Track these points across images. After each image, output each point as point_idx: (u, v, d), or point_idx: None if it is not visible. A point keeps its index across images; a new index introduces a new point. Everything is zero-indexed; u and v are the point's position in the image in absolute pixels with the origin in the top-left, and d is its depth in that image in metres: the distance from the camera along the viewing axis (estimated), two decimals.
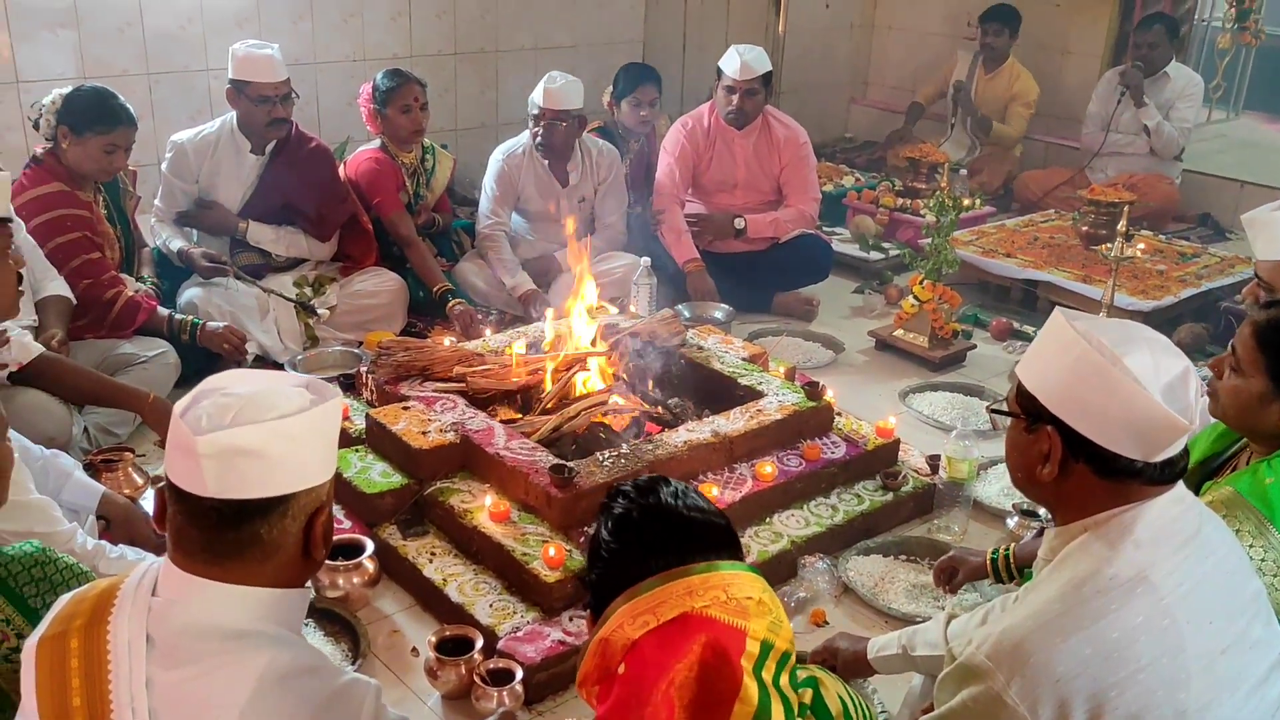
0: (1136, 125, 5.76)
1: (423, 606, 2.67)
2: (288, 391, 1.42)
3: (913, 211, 5.36)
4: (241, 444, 1.33)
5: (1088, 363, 1.49)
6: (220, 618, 1.36)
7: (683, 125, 4.70)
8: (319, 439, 1.42)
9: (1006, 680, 1.44)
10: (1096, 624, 1.45)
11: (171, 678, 1.33)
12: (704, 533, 1.41)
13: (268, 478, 1.36)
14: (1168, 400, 1.46)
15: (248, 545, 1.37)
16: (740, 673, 1.27)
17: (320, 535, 1.44)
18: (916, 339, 4.21)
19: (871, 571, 2.87)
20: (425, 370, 3.23)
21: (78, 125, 3.37)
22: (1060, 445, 1.54)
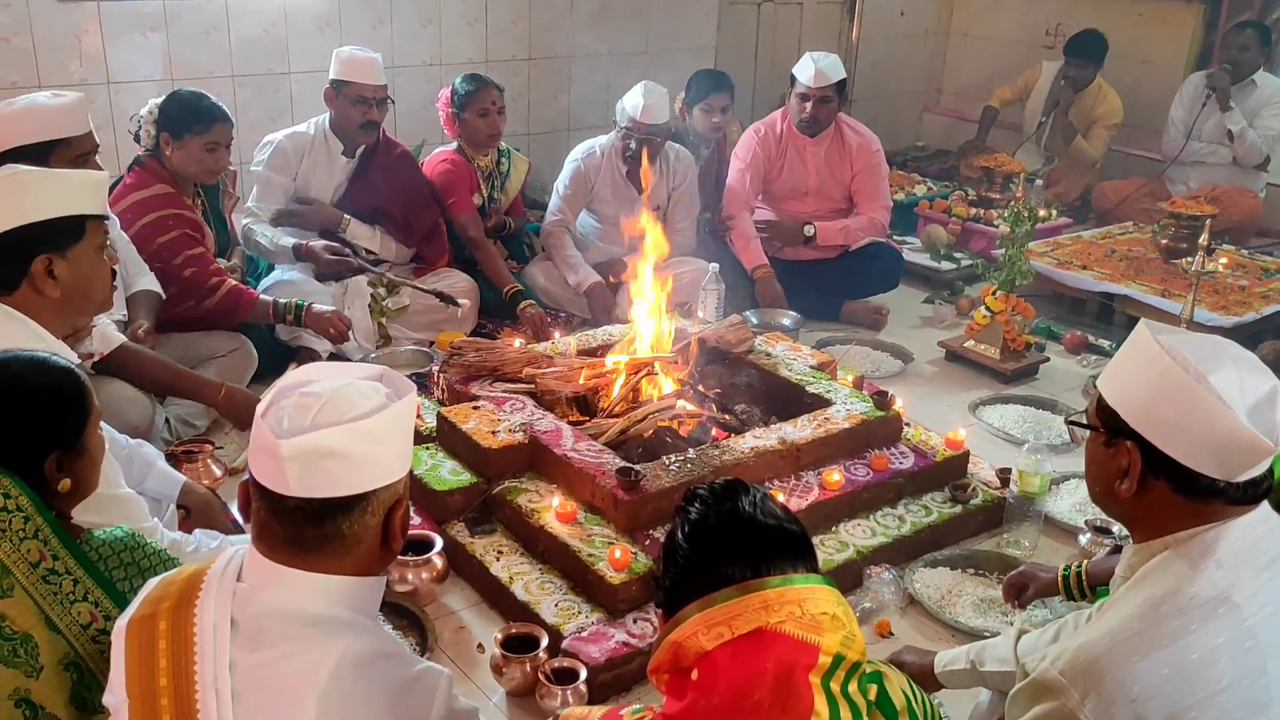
0: (1220, 133, 5.61)
1: (489, 604, 2.71)
2: (364, 388, 1.45)
3: (986, 222, 5.29)
4: (324, 446, 1.36)
5: (1171, 379, 1.46)
6: (302, 604, 1.40)
7: (755, 132, 4.70)
8: (397, 435, 1.45)
9: (1081, 698, 1.42)
10: (1175, 644, 1.42)
11: (254, 660, 1.37)
12: (780, 542, 1.41)
13: (349, 476, 1.40)
14: (1253, 421, 1.43)
15: (330, 540, 1.41)
16: (810, 689, 1.28)
17: (398, 527, 1.47)
18: (988, 350, 4.15)
19: (939, 584, 2.84)
20: (495, 371, 3.27)
21: (176, 129, 3.47)
22: (1140, 461, 1.52)
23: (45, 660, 1.65)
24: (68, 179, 2.27)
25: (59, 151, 3.02)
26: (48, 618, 1.66)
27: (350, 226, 4.10)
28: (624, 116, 4.36)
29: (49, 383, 1.76)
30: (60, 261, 2.20)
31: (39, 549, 1.67)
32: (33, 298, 2.20)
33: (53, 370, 1.78)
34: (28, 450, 1.72)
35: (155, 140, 3.54)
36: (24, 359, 1.79)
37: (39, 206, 2.17)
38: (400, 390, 1.48)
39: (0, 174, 2.20)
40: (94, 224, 2.26)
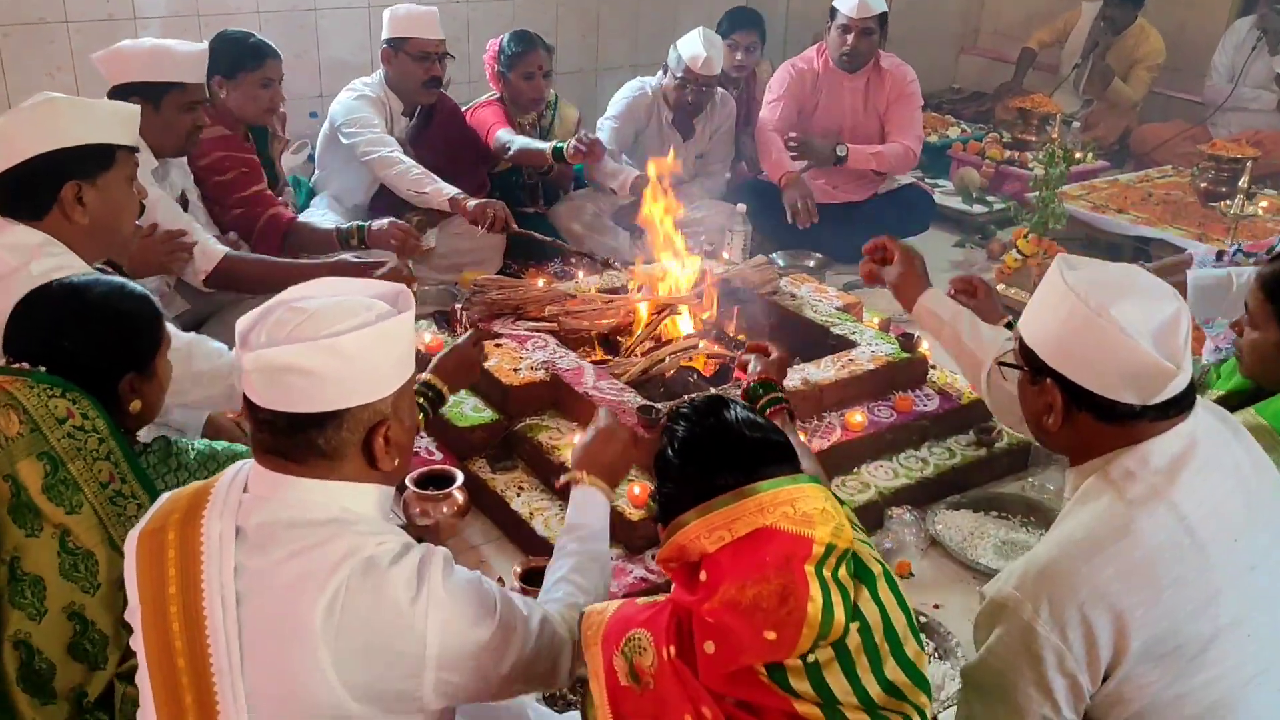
0: (1266, 78, 5.45)
1: (509, 538, 2.73)
2: (358, 304, 1.43)
3: (1020, 164, 5.19)
4: (283, 361, 1.35)
5: (1077, 315, 1.52)
6: (304, 509, 1.41)
7: (791, 66, 4.60)
8: (378, 355, 1.41)
9: (1035, 608, 1.48)
10: (1117, 544, 1.48)
11: (259, 563, 1.39)
12: (766, 451, 1.46)
13: (315, 393, 1.37)
14: (1157, 346, 1.48)
15: (308, 452, 1.41)
16: (806, 577, 1.35)
17: (381, 448, 1.44)
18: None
19: (960, 526, 2.83)
20: (518, 309, 3.27)
21: (229, 70, 3.44)
22: (1060, 396, 1.58)
23: (103, 578, 1.71)
24: (99, 108, 2.27)
25: (173, 95, 3.02)
26: (110, 537, 1.71)
27: None
28: (679, 65, 4.26)
29: (130, 307, 1.83)
30: (90, 189, 2.20)
31: (110, 470, 1.73)
32: (62, 225, 2.20)
33: (131, 295, 1.85)
34: (107, 371, 1.79)
35: (208, 87, 3.50)
36: (105, 283, 1.85)
37: (71, 132, 2.17)
38: (398, 306, 1.46)
39: (34, 100, 2.22)
40: (124, 154, 2.27)
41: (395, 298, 1.48)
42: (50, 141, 2.15)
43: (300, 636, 1.35)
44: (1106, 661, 1.47)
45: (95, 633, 1.71)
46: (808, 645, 1.33)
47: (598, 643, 1.48)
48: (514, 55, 4.19)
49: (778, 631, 1.33)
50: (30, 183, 2.15)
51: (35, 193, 2.16)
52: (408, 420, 1.50)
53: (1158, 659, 1.46)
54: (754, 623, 1.34)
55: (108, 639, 1.73)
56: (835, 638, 1.35)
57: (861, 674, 1.37)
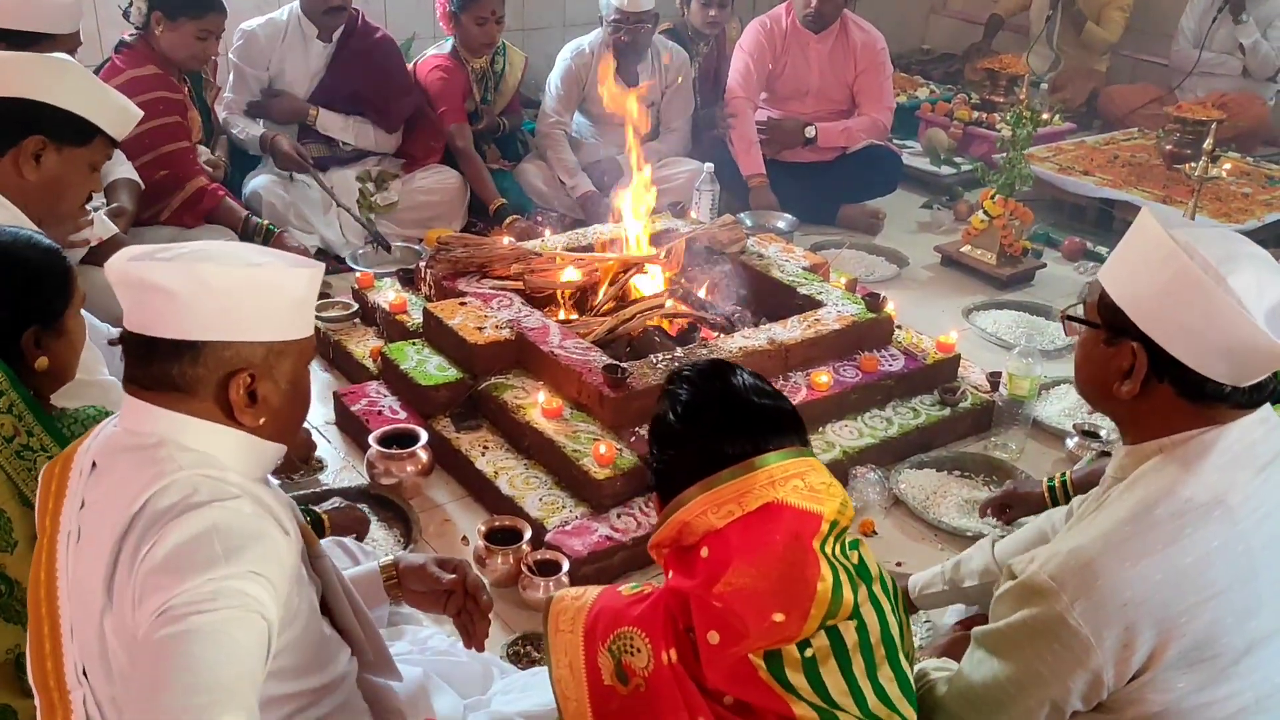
0: (1231, 43, 5.47)
1: (474, 498, 2.71)
2: (253, 252, 1.40)
3: (988, 126, 5.19)
4: (149, 279, 1.30)
5: (1188, 280, 1.36)
6: (139, 434, 1.35)
7: (761, 25, 4.56)
8: (249, 297, 1.34)
9: (1070, 601, 1.39)
10: (1169, 548, 1.38)
11: (93, 495, 1.36)
12: (776, 418, 1.41)
13: (171, 318, 1.32)
14: (1271, 325, 1.35)
15: (161, 382, 1.34)
16: (815, 555, 1.32)
17: (240, 398, 1.36)
18: (984, 255, 4.11)
19: (924, 485, 2.85)
20: (483, 267, 3.23)
21: (171, 10, 3.38)
22: (1146, 363, 1.44)
23: (19, 535, 1.66)
24: (109, 94, 2.27)
25: (42, 45, 2.93)
26: (21, 493, 1.66)
27: (320, 117, 4.01)
28: (609, 9, 4.27)
29: (33, 256, 1.74)
30: (53, 152, 2.18)
31: (13, 424, 1.66)
32: (8, 174, 2.16)
33: (37, 245, 1.77)
34: (6, 322, 1.71)
35: (146, 18, 3.44)
36: (9, 233, 1.77)
37: (67, 96, 2.16)
38: (286, 262, 1.40)
39: (59, 56, 2.24)
40: (102, 142, 2.25)
41: (306, 263, 1.43)
42: (47, 93, 2.14)
43: (93, 574, 1.30)
44: (1138, 665, 1.41)
45: (22, 591, 1.66)
46: (815, 626, 1.30)
47: (577, 633, 1.42)
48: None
49: (786, 613, 1.29)
50: (2, 117, 2.12)
51: (1, 128, 2.13)
52: (284, 384, 1.41)
53: (1190, 665, 1.41)
54: (763, 605, 1.30)
55: None
56: (844, 616, 1.32)
57: (857, 675, 1.34)
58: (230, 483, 1.33)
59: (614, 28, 4.27)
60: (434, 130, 4.24)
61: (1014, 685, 1.48)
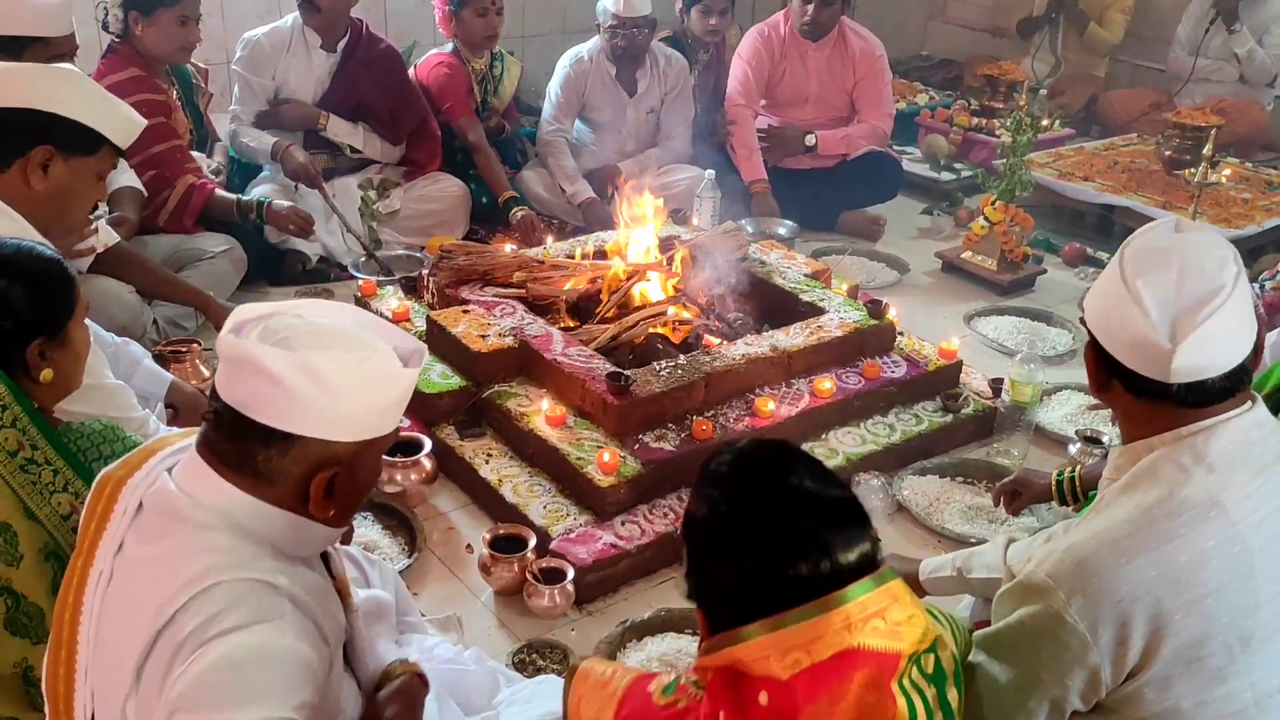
0: (1226, 51, 5.49)
1: (478, 505, 2.71)
2: (366, 340, 1.34)
3: (988, 132, 5.20)
4: (260, 362, 1.26)
5: (1110, 281, 1.51)
6: (197, 506, 1.31)
7: (759, 33, 4.57)
8: (356, 394, 1.31)
9: (1067, 598, 1.42)
10: (1164, 546, 1.42)
11: (135, 548, 1.32)
12: (852, 531, 1.23)
13: (273, 406, 1.28)
14: (1169, 322, 1.41)
15: (243, 463, 1.32)
16: (894, 695, 1.19)
17: (319, 493, 1.33)
18: (985, 261, 4.12)
19: (927, 491, 2.85)
20: (486, 275, 3.24)
21: (146, 6, 3.40)
22: (1095, 360, 1.56)
23: (25, 549, 1.65)
24: (116, 104, 2.27)
25: (35, 49, 2.94)
26: (26, 507, 1.65)
27: (330, 123, 4.01)
28: (605, 15, 4.29)
29: (36, 268, 1.73)
30: (60, 161, 2.18)
31: (17, 438, 1.66)
32: (15, 185, 2.16)
33: (39, 256, 1.76)
34: (11, 335, 1.70)
35: (124, 23, 3.47)
36: (11, 244, 1.77)
37: (74, 106, 2.16)
38: (401, 358, 1.36)
39: (64, 66, 2.25)
40: (108, 151, 2.26)
41: (410, 354, 1.40)
42: (54, 103, 2.14)
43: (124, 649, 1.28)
44: (1134, 662, 1.43)
45: (29, 606, 1.66)
46: None
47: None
48: None
49: None
50: (10, 128, 2.13)
51: (9, 139, 2.14)
52: (364, 477, 1.39)
53: (1186, 665, 1.43)
54: None
55: (43, 611, 1.67)
56: None
57: None
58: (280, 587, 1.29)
59: (611, 34, 4.29)
60: (435, 138, 4.25)
61: (1014, 687, 1.50)
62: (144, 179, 3.40)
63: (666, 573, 2.52)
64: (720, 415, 2.80)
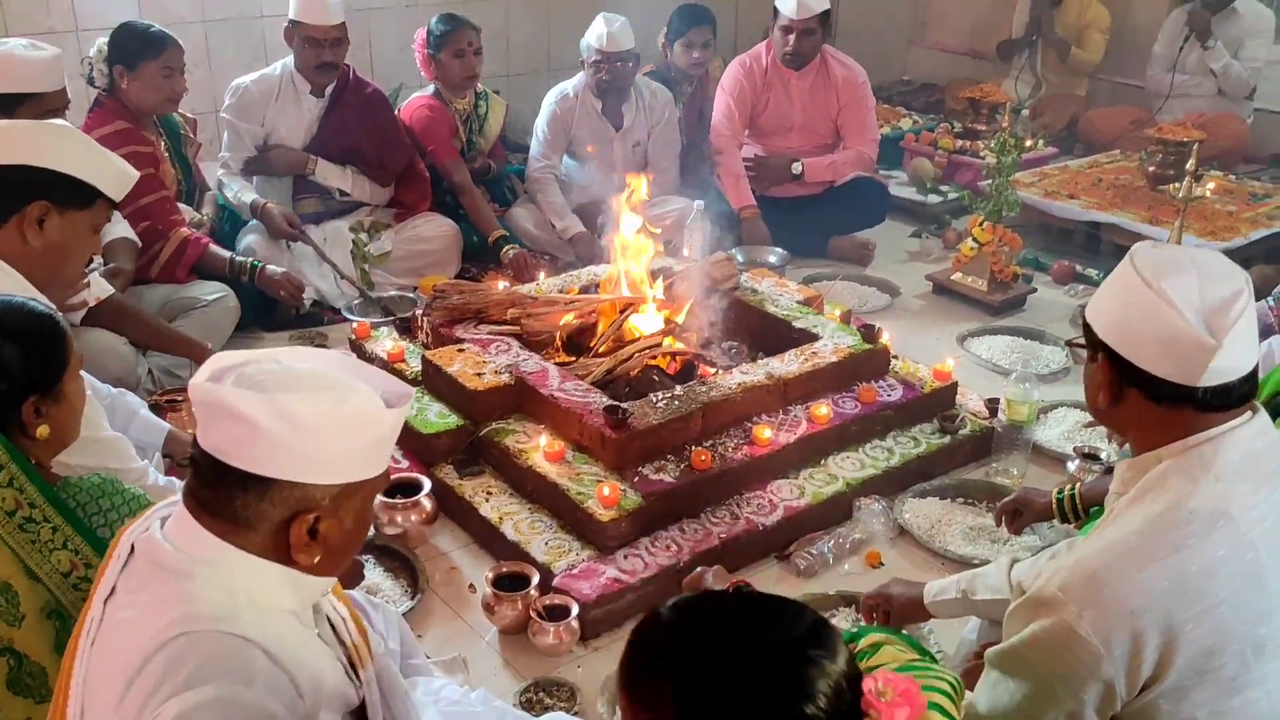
0: (1203, 66, 5.55)
1: (479, 544, 2.71)
2: (344, 382, 1.32)
3: (972, 153, 5.24)
4: (232, 405, 1.25)
5: (1129, 285, 1.50)
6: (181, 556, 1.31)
7: (741, 64, 4.62)
8: (332, 436, 1.29)
9: (1079, 611, 1.41)
10: (1174, 556, 1.42)
11: (124, 599, 1.32)
12: None
13: (249, 450, 1.27)
14: (1203, 321, 1.43)
15: (222, 509, 1.31)
16: None
17: (301, 539, 1.31)
18: (975, 282, 4.14)
19: (928, 514, 2.85)
20: (480, 313, 3.24)
21: (129, 60, 3.44)
22: (1108, 369, 1.54)
23: (26, 609, 1.64)
24: (107, 157, 2.30)
25: (28, 104, 2.97)
26: (26, 566, 1.64)
27: (318, 168, 4.05)
28: (589, 50, 4.34)
29: (28, 324, 1.73)
30: (56, 216, 2.20)
31: (14, 496, 1.65)
32: (12, 240, 2.18)
33: (31, 313, 1.75)
34: (5, 394, 1.69)
35: (109, 77, 3.50)
36: (2, 301, 1.76)
37: (68, 160, 2.19)
38: (391, 402, 1.35)
39: (55, 121, 2.29)
40: (103, 204, 2.28)
41: (395, 396, 1.37)
42: (48, 159, 2.16)
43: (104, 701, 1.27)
44: (1148, 674, 1.42)
45: (32, 665, 1.65)
46: None
47: None
48: (443, 35, 4.22)
49: None
50: (5, 185, 2.15)
51: (4, 196, 2.16)
52: (352, 521, 1.36)
53: (1199, 675, 1.43)
54: None
55: (45, 670, 1.66)
56: None
57: None
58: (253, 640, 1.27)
59: (595, 69, 4.33)
60: (424, 179, 4.27)
61: (1029, 703, 1.49)
62: (136, 230, 3.42)
63: None
64: (719, 444, 2.80)
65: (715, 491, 2.70)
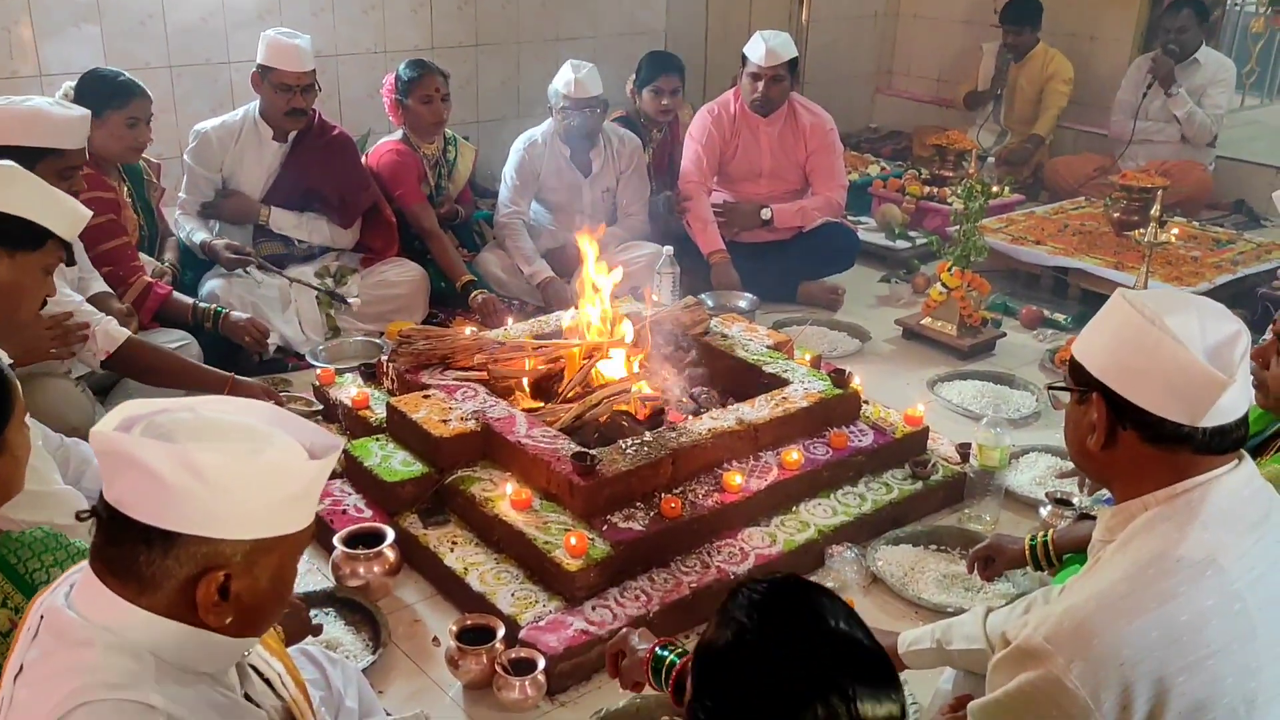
0: (1166, 113, 5.65)
1: (444, 596, 2.64)
2: (261, 432, 1.26)
3: (940, 200, 5.28)
4: (133, 454, 1.19)
5: (1129, 324, 1.46)
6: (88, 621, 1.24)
7: (709, 111, 4.65)
8: (242, 490, 1.22)
9: (1067, 663, 1.38)
10: (1164, 606, 1.38)
11: (28, 675, 1.25)
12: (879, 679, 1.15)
13: (152, 503, 1.20)
14: (1210, 359, 1.40)
15: (127, 569, 1.23)
16: None
17: (208, 599, 1.23)
18: (944, 327, 4.14)
19: (901, 561, 2.81)
20: (446, 359, 3.20)
21: (95, 108, 3.37)
22: (1105, 410, 1.49)
23: None
24: (57, 196, 2.26)
25: (48, 161, 2.91)
26: None
27: (273, 216, 4.02)
28: (557, 97, 4.34)
29: None
30: (5, 259, 2.18)
31: None
32: None
33: None
34: None
35: None
36: None
37: (15, 202, 2.15)
38: (315, 453, 1.28)
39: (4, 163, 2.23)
40: (54, 244, 2.25)
41: (321, 448, 1.30)
42: None
43: None
44: None
45: None
46: None
47: None
48: (411, 81, 4.22)
49: None
50: None
51: None
52: (266, 582, 1.28)
53: None
54: None
55: None
56: None
57: None
58: (155, 707, 1.19)
59: (563, 115, 4.34)
60: (390, 224, 4.25)
61: None
62: (103, 271, 3.36)
63: None
64: (689, 491, 2.76)
65: (686, 540, 2.66)
